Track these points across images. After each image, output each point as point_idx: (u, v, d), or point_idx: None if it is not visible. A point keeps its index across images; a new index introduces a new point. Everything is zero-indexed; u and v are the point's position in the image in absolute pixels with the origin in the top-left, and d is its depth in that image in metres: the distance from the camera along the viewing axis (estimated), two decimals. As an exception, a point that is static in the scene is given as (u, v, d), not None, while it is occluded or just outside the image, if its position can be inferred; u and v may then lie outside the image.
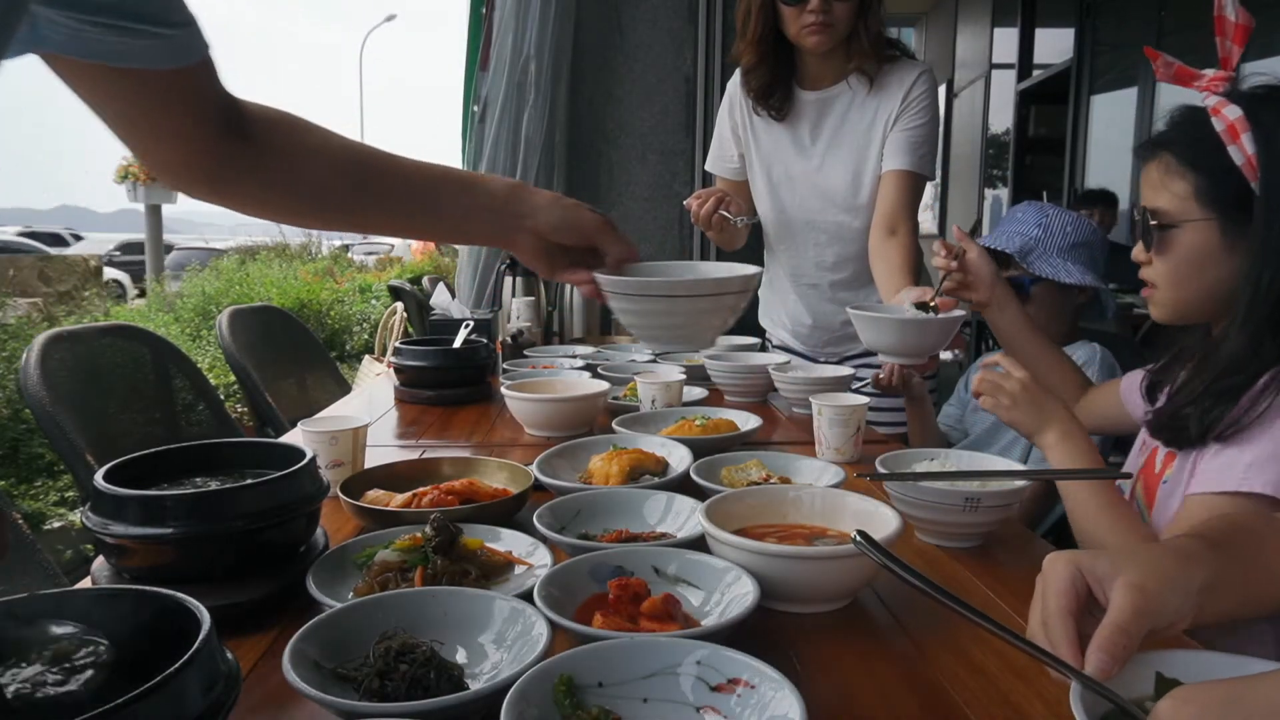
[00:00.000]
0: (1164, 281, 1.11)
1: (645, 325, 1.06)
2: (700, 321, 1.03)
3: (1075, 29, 6.20)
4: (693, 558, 0.86)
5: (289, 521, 0.86)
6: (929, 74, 1.89)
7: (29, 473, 3.50)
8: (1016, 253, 1.70)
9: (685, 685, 0.65)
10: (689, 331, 1.05)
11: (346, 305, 7.29)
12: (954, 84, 8.68)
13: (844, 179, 1.95)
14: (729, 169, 2.12)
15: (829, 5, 1.78)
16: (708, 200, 1.88)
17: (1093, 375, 1.61)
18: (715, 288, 1.03)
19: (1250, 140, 0.98)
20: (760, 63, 1.93)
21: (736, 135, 2.08)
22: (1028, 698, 0.71)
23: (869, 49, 1.85)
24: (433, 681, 0.65)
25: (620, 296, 1.01)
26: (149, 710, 0.48)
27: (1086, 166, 6.28)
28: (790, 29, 1.85)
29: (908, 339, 1.43)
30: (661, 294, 1.00)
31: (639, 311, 1.03)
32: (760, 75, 1.94)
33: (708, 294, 1.02)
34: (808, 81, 1.96)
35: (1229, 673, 0.62)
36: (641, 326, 1.06)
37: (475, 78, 3.37)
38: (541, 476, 1.18)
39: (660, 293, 1.00)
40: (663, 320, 1.02)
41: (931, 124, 1.87)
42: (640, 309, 1.02)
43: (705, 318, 1.03)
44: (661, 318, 1.02)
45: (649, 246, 3.28)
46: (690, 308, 1.01)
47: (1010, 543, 1.08)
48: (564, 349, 2.34)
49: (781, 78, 1.96)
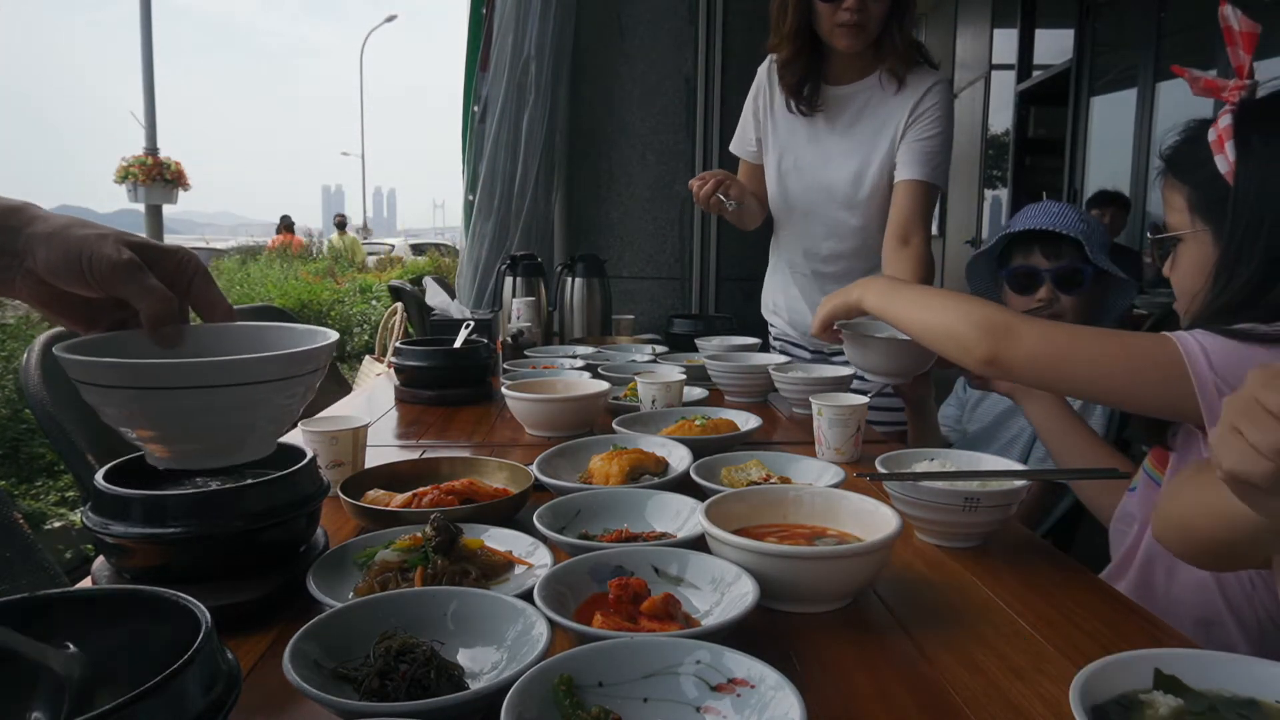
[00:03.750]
0: (1180, 295, 1.12)
1: (140, 430, 0.67)
2: (208, 424, 0.66)
3: (1075, 29, 6.21)
4: (693, 558, 0.86)
5: (289, 521, 0.86)
6: (944, 85, 1.91)
7: (29, 473, 3.51)
8: (1084, 240, 1.63)
9: (685, 685, 0.65)
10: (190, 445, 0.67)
11: (347, 305, 7.31)
12: (954, 84, 8.69)
13: (847, 175, 1.97)
14: (748, 152, 2.17)
15: (864, 5, 1.79)
16: (708, 182, 1.94)
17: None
18: (220, 375, 0.64)
19: (1232, 148, 0.99)
20: (796, 56, 1.94)
21: (758, 119, 2.12)
22: (1028, 698, 0.71)
23: (901, 50, 1.87)
24: (433, 681, 0.65)
25: (84, 387, 0.64)
26: (149, 710, 0.48)
27: (1086, 167, 6.28)
28: (823, 26, 1.86)
29: (892, 360, 1.42)
30: (122, 384, 0.62)
31: (113, 412, 0.66)
32: (796, 69, 1.96)
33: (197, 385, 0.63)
34: (831, 76, 1.99)
35: (1228, 672, 0.62)
36: (145, 437, 0.68)
37: (475, 78, 3.37)
38: (541, 476, 1.18)
39: (120, 381, 0.62)
40: (159, 423, 0.66)
41: (945, 135, 1.88)
42: (110, 404, 0.65)
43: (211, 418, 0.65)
44: (150, 421, 0.65)
45: (649, 247, 3.28)
46: (181, 405, 0.64)
47: (1010, 543, 1.08)
48: (564, 349, 2.33)
49: (814, 70, 1.97)
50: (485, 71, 3.29)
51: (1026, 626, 0.84)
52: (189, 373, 0.63)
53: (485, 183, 3.23)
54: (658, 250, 3.30)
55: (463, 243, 3.47)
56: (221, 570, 0.82)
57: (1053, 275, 1.66)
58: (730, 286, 3.33)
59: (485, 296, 3.16)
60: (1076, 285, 1.64)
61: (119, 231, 0.70)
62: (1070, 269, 1.63)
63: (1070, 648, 0.80)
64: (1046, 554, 1.04)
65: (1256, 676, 0.62)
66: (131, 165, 11.12)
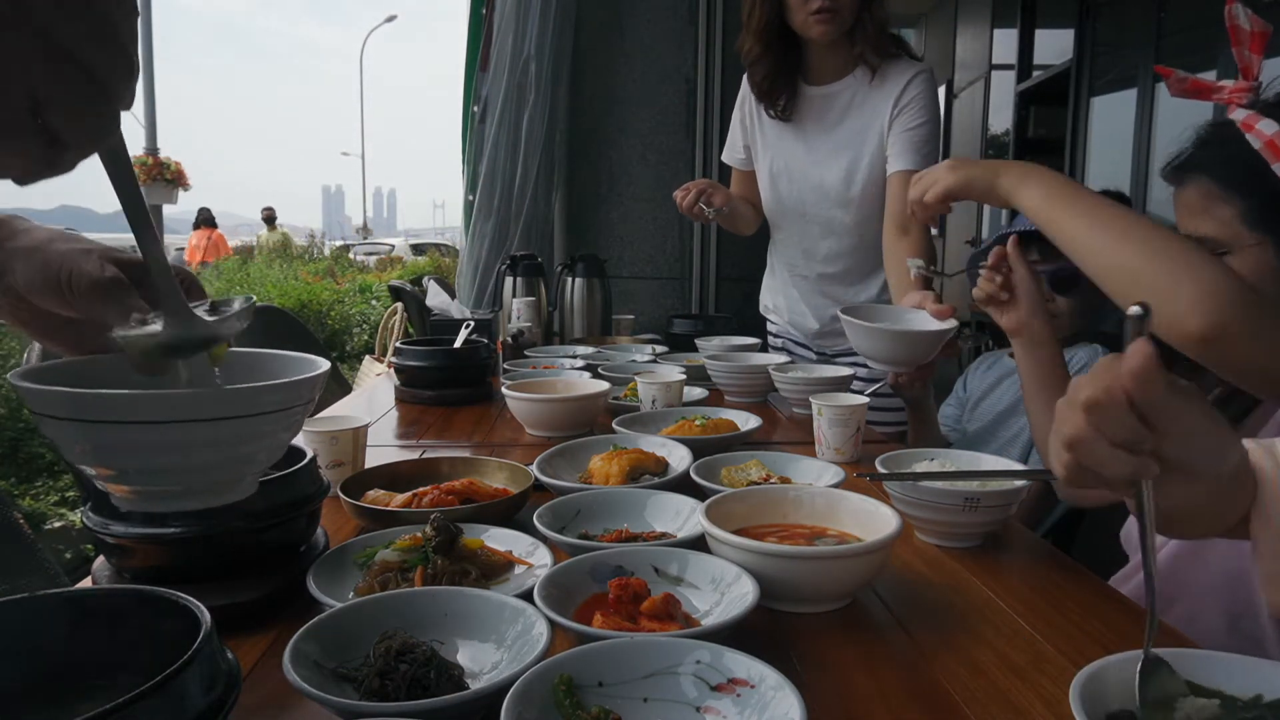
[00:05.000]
0: None
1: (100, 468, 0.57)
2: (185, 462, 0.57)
3: (1075, 29, 6.20)
4: (693, 558, 0.86)
5: (289, 521, 0.86)
6: (927, 74, 1.89)
7: (29, 472, 3.51)
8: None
9: (685, 685, 0.65)
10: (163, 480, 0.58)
11: (347, 305, 7.30)
12: (954, 84, 8.68)
13: (838, 174, 1.97)
14: (737, 159, 2.19)
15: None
16: (690, 192, 2.01)
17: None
18: (190, 409, 0.55)
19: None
20: (764, 54, 1.93)
21: (745, 126, 2.12)
22: (1028, 698, 0.71)
23: (873, 37, 1.86)
24: (433, 681, 0.65)
25: (43, 420, 0.55)
26: (149, 710, 0.48)
27: (1086, 167, 6.28)
28: (795, 18, 1.85)
29: (897, 349, 1.42)
30: (81, 416, 0.54)
31: (67, 445, 0.56)
32: (764, 67, 1.96)
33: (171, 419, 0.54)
34: (813, 76, 1.98)
35: (1227, 672, 0.62)
36: (105, 476, 0.58)
37: (475, 78, 3.37)
38: (541, 476, 1.18)
39: (78, 414, 0.54)
40: (125, 460, 0.57)
41: (932, 123, 1.88)
42: (64, 437, 0.55)
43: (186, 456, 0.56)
44: (107, 457, 0.56)
45: (649, 247, 3.28)
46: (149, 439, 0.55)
47: (1010, 543, 1.08)
48: (564, 349, 2.34)
49: (786, 72, 1.97)
50: (485, 71, 3.29)
51: (1026, 626, 0.84)
52: (151, 406, 0.54)
53: (485, 183, 3.23)
54: (658, 250, 3.30)
55: (463, 243, 3.47)
56: (221, 570, 0.82)
57: (1048, 276, 1.66)
58: (730, 286, 3.33)
59: (485, 296, 3.16)
60: (1072, 286, 1.64)
61: (105, 247, 0.65)
62: (1065, 270, 1.63)
63: (1070, 648, 0.79)
64: (1046, 554, 1.04)
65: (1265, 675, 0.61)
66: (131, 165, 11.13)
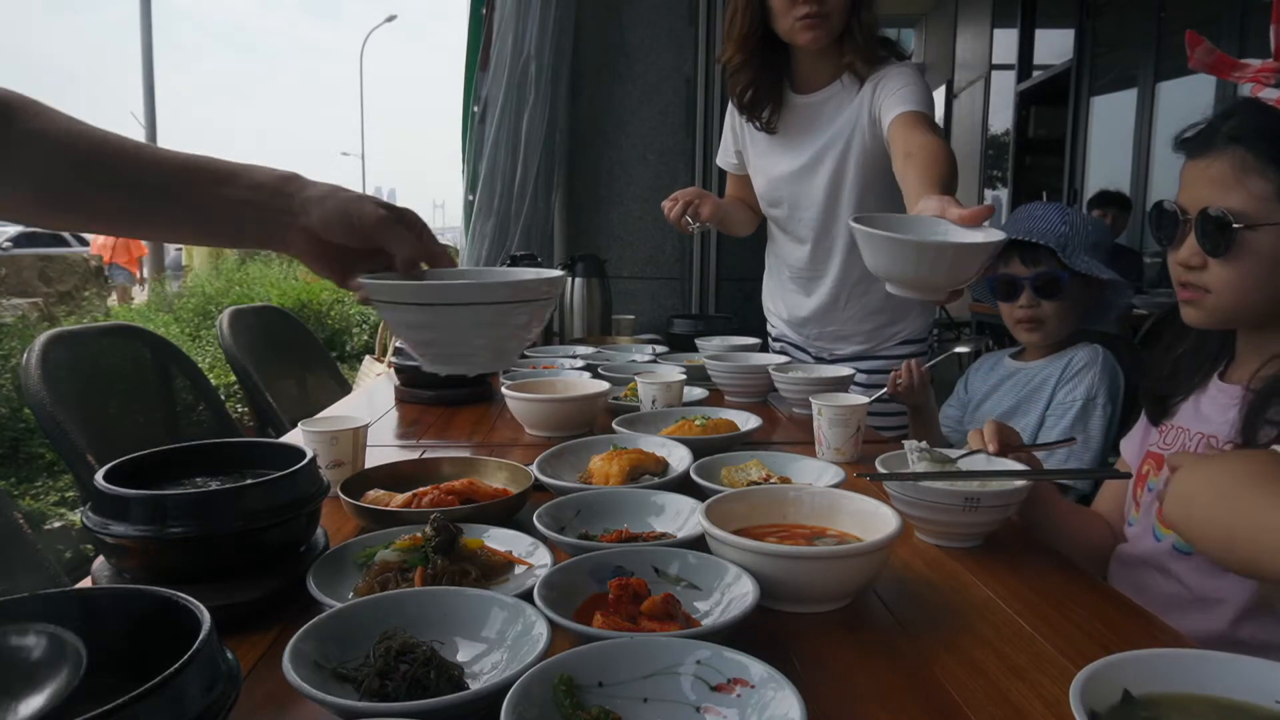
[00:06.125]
0: (1228, 287, 1.02)
1: (416, 341, 0.87)
2: (479, 336, 0.83)
3: (1075, 29, 6.21)
4: (693, 558, 0.86)
5: (289, 521, 0.86)
6: (910, 65, 1.81)
7: (29, 472, 3.51)
8: (1058, 247, 1.61)
9: (685, 685, 0.65)
10: (464, 349, 0.85)
11: (346, 305, 7.30)
12: (954, 84, 8.69)
13: (827, 174, 1.92)
14: (731, 164, 2.17)
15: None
16: (678, 203, 1.98)
17: (1094, 377, 1.61)
18: (484, 294, 0.82)
19: None
20: (746, 63, 1.88)
21: (735, 132, 2.10)
22: (1028, 698, 0.71)
23: (863, 44, 1.79)
24: (433, 681, 0.65)
25: (383, 305, 0.84)
26: (149, 710, 0.48)
27: (1086, 167, 6.28)
28: (782, 24, 1.79)
29: (921, 267, 1.06)
30: (419, 300, 0.80)
31: (403, 324, 0.85)
32: (745, 76, 1.90)
33: (481, 302, 0.81)
34: (800, 84, 1.93)
35: (1226, 671, 0.62)
36: (415, 343, 0.88)
37: (475, 78, 3.37)
38: (541, 476, 1.18)
39: (417, 299, 0.80)
40: (431, 335, 0.84)
41: (917, 84, 1.73)
42: (402, 320, 0.84)
43: (485, 332, 0.83)
44: (427, 331, 0.83)
45: (649, 247, 3.28)
46: (460, 319, 0.81)
47: (1010, 543, 1.08)
48: (564, 349, 2.33)
49: (769, 81, 1.92)
50: (485, 71, 3.29)
51: (1026, 626, 0.84)
52: (418, 293, 0.81)
53: (485, 183, 3.23)
54: (658, 250, 3.30)
55: (463, 243, 3.47)
56: (221, 570, 0.82)
57: (1031, 282, 1.65)
58: (730, 286, 3.33)
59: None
60: (1056, 292, 1.64)
61: (370, 195, 0.87)
62: (1048, 276, 1.63)
63: (1070, 648, 0.79)
64: (1046, 554, 1.05)
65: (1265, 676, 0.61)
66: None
